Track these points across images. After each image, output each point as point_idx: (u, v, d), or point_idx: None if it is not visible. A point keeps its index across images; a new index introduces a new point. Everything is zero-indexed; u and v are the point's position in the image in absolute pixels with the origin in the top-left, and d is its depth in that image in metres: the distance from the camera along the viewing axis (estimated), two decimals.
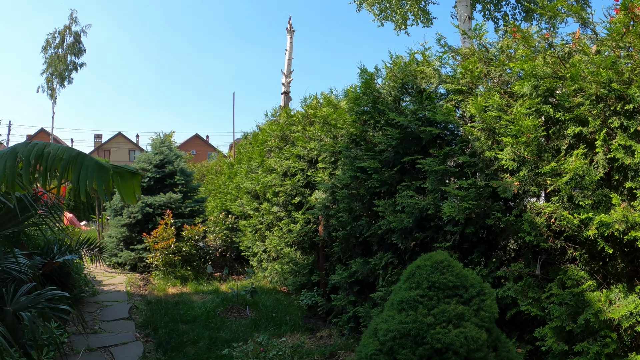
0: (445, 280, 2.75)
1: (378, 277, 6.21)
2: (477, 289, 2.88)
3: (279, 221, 9.07)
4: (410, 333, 2.60)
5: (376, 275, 6.25)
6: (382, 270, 6.04)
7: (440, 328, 2.61)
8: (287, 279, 8.78)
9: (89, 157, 3.42)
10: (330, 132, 7.35)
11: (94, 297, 8.71)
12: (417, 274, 2.85)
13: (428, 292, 2.73)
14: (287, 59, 17.05)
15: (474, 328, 2.70)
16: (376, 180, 5.82)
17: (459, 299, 2.79)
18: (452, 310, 2.69)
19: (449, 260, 2.90)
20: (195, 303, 8.37)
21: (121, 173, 3.50)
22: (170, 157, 12.23)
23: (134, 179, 3.57)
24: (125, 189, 3.51)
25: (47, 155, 3.16)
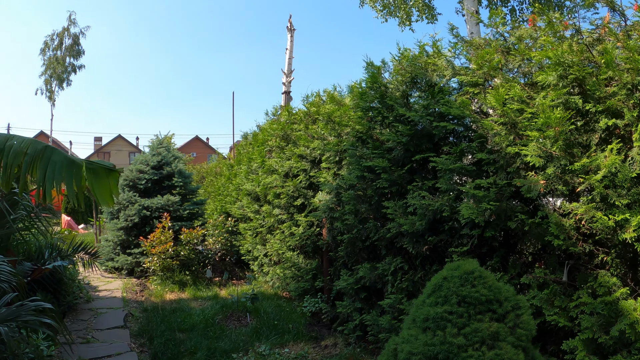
0: (477, 294, 2.36)
1: (387, 283, 5.84)
2: (511, 302, 2.49)
3: (280, 224, 8.69)
4: (437, 357, 2.21)
5: (385, 281, 5.88)
6: (392, 276, 5.67)
7: (473, 350, 2.23)
8: (290, 285, 8.40)
9: (58, 152, 2.96)
10: (335, 130, 6.97)
11: (89, 303, 8.33)
12: (444, 287, 2.45)
13: (457, 308, 2.34)
14: (288, 58, 16.69)
15: (511, 349, 2.31)
16: (385, 180, 5.43)
17: (492, 315, 2.41)
18: (486, 329, 2.30)
19: (479, 270, 2.51)
20: (194, 310, 7.98)
21: (95, 170, 3.05)
22: (168, 158, 11.85)
23: (110, 177, 3.11)
24: (100, 188, 3.04)
25: (9, 149, 2.70)
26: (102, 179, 3.01)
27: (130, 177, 11.50)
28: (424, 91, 5.68)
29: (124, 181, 11.58)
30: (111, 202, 3.10)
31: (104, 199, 3.04)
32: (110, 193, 3.05)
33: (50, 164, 2.77)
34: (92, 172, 2.97)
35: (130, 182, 11.50)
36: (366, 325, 6.05)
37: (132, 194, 11.21)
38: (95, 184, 2.97)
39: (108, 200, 3.07)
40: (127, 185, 11.56)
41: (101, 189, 3.00)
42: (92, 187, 2.97)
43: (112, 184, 3.08)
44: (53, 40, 39.06)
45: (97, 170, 3.00)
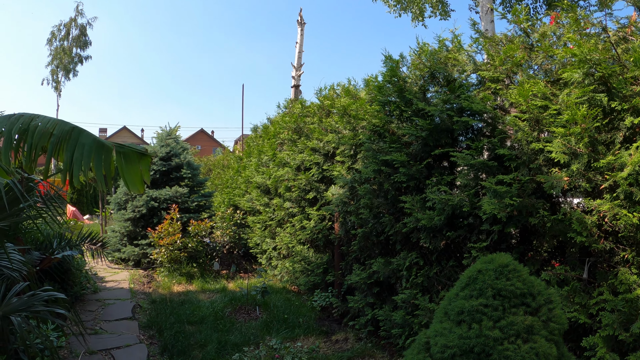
0: (512, 287, 2.32)
1: (401, 278, 5.82)
2: (544, 296, 2.46)
3: (291, 217, 8.66)
4: (473, 350, 2.18)
5: (399, 276, 5.85)
6: (406, 272, 5.64)
7: (509, 343, 2.19)
8: (299, 278, 8.37)
9: (87, 133, 2.86)
10: (350, 123, 6.92)
11: (96, 294, 8.32)
12: (479, 280, 2.41)
13: (493, 301, 2.30)
14: (298, 51, 16.62)
15: (545, 343, 2.28)
16: (403, 175, 5.39)
17: (526, 308, 2.37)
18: (521, 322, 2.27)
19: (514, 263, 2.47)
20: (202, 302, 7.96)
21: (126, 154, 2.95)
22: (177, 149, 11.81)
23: (141, 162, 3.00)
24: (130, 174, 2.93)
25: (34, 129, 2.61)
26: (133, 164, 2.91)
27: None
28: (442, 86, 5.64)
29: None
30: (142, 187, 3.01)
31: (134, 184, 2.94)
32: (141, 178, 2.95)
33: (79, 146, 2.66)
34: (122, 155, 2.85)
35: None
36: (378, 320, 6.03)
37: None
38: (125, 169, 2.87)
39: (139, 186, 2.97)
40: None
41: (131, 173, 2.90)
42: (121, 171, 2.86)
43: (144, 169, 2.98)
44: (60, 31, 39.14)
45: (128, 154, 2.89)
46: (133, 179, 2.90)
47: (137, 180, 2.90)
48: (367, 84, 7.09)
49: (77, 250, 7.07)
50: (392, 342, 5.87)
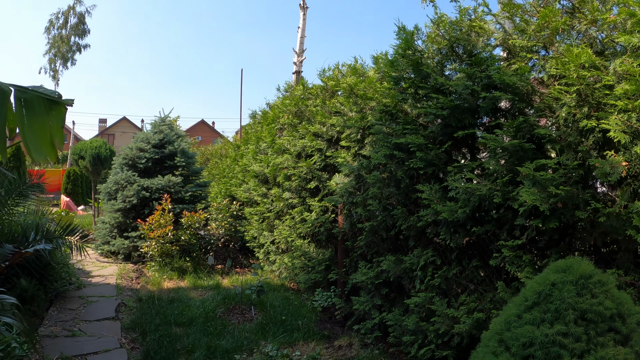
0: (599, 307, 1.63)
1: (414, 279, 5.14)
2: (636, 318, 1.76)
3: (290, 209, 7.96)
4: None
5: (412, 277, 5.18)
6: (421, 272, 4.96)
7: None
8: (298, 275, 7.69)
9: None
10: (357, 104, 6.21)
11: (79, 290, 7.64)
12: (554, 298, 1.70)
13: (575, 329, 1.61)
14: (300, 36, 15.85)
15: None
16: (420, 160, 4.68)
17: (615, 335, 1.69)
18: (613, 357, 1.58)
19: (598, 273, 1.78)
20: (193, 301, 7.28)
21: (30, 101, 2.01)
22: (171, 136, 11.10)
23: (52, 114, 2.08)
24: (35, 131, 2.00)
25: None
26: (40, 116, 1.99)
27: (130, 155, 10.77)
28: (463, 61, 4.93)
29: (123, 160, 10.86)
30: (52, 153, 2.07)
31: (40, 148, 2.00)
32: (50, 139, 2.02)
33: None
34: (24, 104, 1.98)
35: (129, 161, 10.77)
36: (387, 325, 5.36)
37: (131, 173, 10.49)
38: (27, 124, 1.97)
39: (47, 151, 2.04)
40: (126, 164, 10.83)
41: (37, 131, 1.98)
42: (22, 128, 1.97)
43: (55, 125, 2.06)
44: (58, 19, 38.34)
45: (32, 101, 1.99)
46: (38, 139, 1.98)
47: (44, 141, 2.01)
48: (376, 61, 6.38)
49: (55, 243, 6.39)
50: (402, 350, 5.21)
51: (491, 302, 4.39)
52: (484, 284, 4.66)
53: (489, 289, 4.57)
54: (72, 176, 22.90)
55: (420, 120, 5.01)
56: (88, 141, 15.06)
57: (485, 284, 4.66)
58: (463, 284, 4.75)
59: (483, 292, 4.58)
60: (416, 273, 5.03)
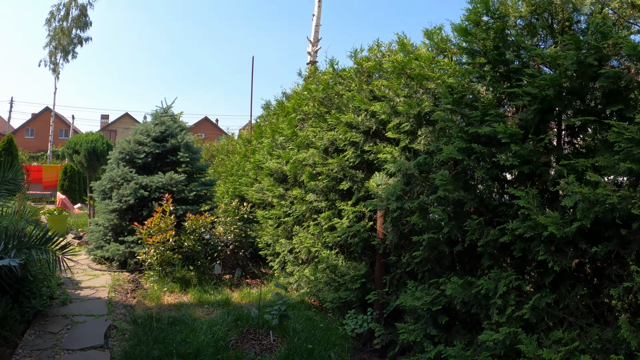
0: None
1: (488, 307, 3.96)
2: None
3: (315, 213, 6.73)
4: None
5: (485, 305, 3.99)
6: (500, 300, 3.78)
7: None
8: (323, 292, 6.49)
9: None
10: (409, 87, 5.00)
11: (64, 307, 6.43)
12: None
13: None
14: (315, 25, 14.66)
15: None
16: (514, 156, 3.47)
17: None
18: None
19: None
20: (199, 323, 6.06)
21: None
22: (174, 129, 9.87)
23: None
24: None
25: None
26: None
27: (127, 149, 9.53)
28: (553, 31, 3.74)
29: (119, 154, 9.62)
30: None
31: None
32: None
33: None
34: None
35: (126, 156, 9.53)
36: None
37: (128, 169, 9.24)
38: None
39: None
40: (123, 160, 9.59)
41: None
42: None
43: None
44: (59, 11, 37.42)
45: None
46: None
47: None
48: (430, 36, 5.16)
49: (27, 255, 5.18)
50: None
51: (600, 340, 3.26)
52: (586, 317, 3.51)
53: (593, 323, 3.43)
54: (69, 172, 21.68)
55: (517, 101, 3.80)
56: (84, 134, 13.83)
57: (587, 317, 3.51)
58: (559, 316, 3.61)
59: (586, 326, 3.44)
60: (494, 301, 3.85)
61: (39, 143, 53.90)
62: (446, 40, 5.15)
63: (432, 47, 5.20)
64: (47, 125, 45.60)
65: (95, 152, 13.22)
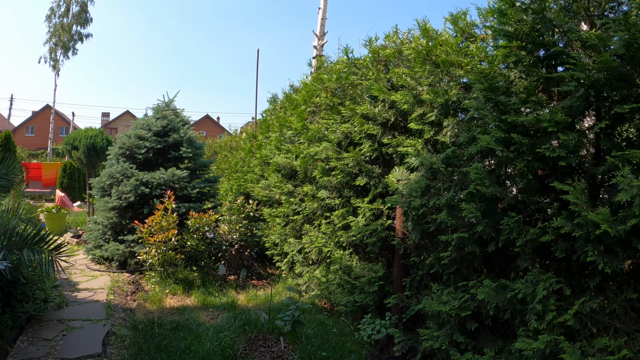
0: None
1: (525, 313, 3.59)
2: None
3: (328, 211, 6.33)
4: None
5: (520, 310, 3.62)
6: (540, 304, 3.40)
7: None
8: (335, 294, 6.10)
9: None
10: (434, 75, 4.59)
11: (60, 311, 6.03)
12: None
13: None
14: (321, 18, 14.24)
15: None
16: (561, 147, 3.07)
17: None
18: None
19: None
20: (204, 328, 5.66)
21: None
22: (176, 123, 9.45)
23: None
24: None
25: None
26: None
27: (127, 144, 9.12)
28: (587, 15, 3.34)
29: (119, 150, 9.21)
30: None
31: None
32: None
33: None
34: None
35: (126, 151, 9.11)
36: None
37: (129, 165, 8.83)
38: None
39: None
40: (123, 155, 9.18)
41: None
42: None
43: None
44: (60, 7, 37.03)
45: None
46: None
47: None
48: (454, 21, 4.76)
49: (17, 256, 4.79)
50: None
51: None
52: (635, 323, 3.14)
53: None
54: (69, 169, 21.24)
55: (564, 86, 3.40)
56: (83, 130, 13.38)
57: (636, 323, 3.14)
58: (601, 321, 3.23)
59: (634, 333, 3.09)
60: (532, 306, 3.47)
61: (39, 141, 53.55)
62: (472, 25, 4.77)
63: (457, 33, 4.80)
64: (48, 123, 45.23)
65: (95, 148, 12.79)
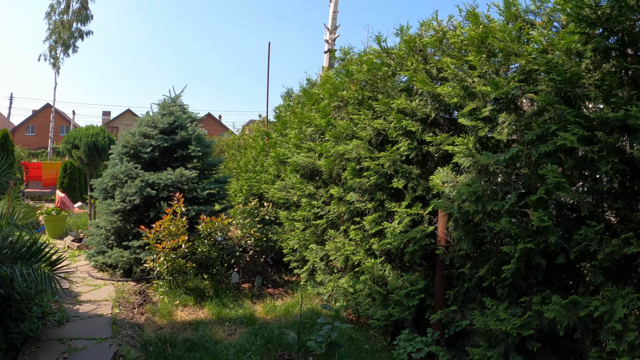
0: None
1: (598, 332, 3.03)
2: None
3: (356, 216, 5.73)
4: None
5: (595, 329, 3.07)
6: (619, 324, 2.83)
7: None
8: (363, 306, 5.53)
9: None
10: (489, 64, 4.00)
11: (61, 328, 5.44)
12: None
13: None
14: (332, 11, 13.63)
15: None
16: None
17: None
18: None
19: None
20: (221, 347, 5.07)
21: None
22: (183, 120, 8.85)
23: None
24: None
25: None
26: None
27: (132, 142, 8.51)
28: None
29: (123, 148, 8.60)
30: None
31: None
32: None
33: None
34: None
35: (130, 150, 8.51)
36: None
37: (133, 165, 8.21)
38: None
39: None
40: (127, 154, 8.57)
41: None
42: None
43: None
44: (59, 3, 36.43)
45: None
46: None
47: None
48: (507, 6, 4.18)
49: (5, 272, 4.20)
50: None
51: None
52: None
53: None
54: (69, 169, 20.63)
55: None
56: (83, 128, 12.76)
57: None
58: None
59: None
60: (610, 325, 2.92)
61: (39, 140, 52.93)
62: (527, 11, 4.20)
63: (508, 19, 4.22)
64: (48, 121, 44.60)
65: (96, 146, 12.17)
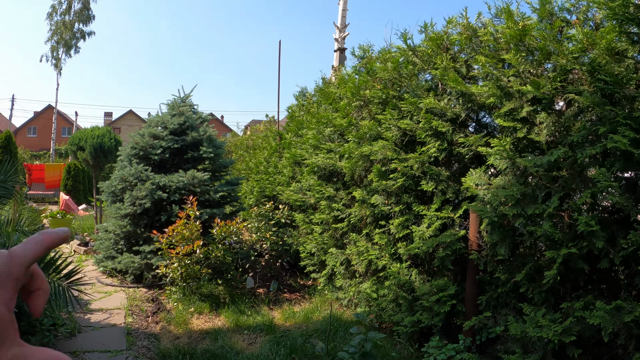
0: None
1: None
2: None
3: (381, 219, 5.50)
4: None
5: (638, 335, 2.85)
6: None
7: None
8: (387, 312, 5.31)
9: None
10: (530, 62, 3.77)
11: (72, 340, 5.21)
12: None
13: None
14: (341, 9, 13.40)
15: None
16: None
17: None
18: None
19: None
20: (243, 357, 4.85)
21: None
22: (194, 120, 8.62)
23: None
24: None
25: None
26: None
27: (141, 144, 8.28)
28: None
29: (132, 150, 8.37)
30: None
31: None
32: None
33: None
34: None
35: (139, 151, 8.28)
36: None
37: (143, 167, 7.99)
38: None
39: None
40: (136, 156, 8.35)
41: None
42: None
43: None
44: (61, 4, 36.28)
45: None
46: None
47: None
48: (543, 3, 3.95)
49: None
50: None
51: None
52: None
53: None
54: (73, 171, 20.42)
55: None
56: (89, 129, 12.55)
57: None
58: None
59: None
60: None
61: (41, 141, 52.75)
62: (562, 9, 3.98)
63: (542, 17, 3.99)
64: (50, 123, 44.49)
65: (102, 148, 11.95)
